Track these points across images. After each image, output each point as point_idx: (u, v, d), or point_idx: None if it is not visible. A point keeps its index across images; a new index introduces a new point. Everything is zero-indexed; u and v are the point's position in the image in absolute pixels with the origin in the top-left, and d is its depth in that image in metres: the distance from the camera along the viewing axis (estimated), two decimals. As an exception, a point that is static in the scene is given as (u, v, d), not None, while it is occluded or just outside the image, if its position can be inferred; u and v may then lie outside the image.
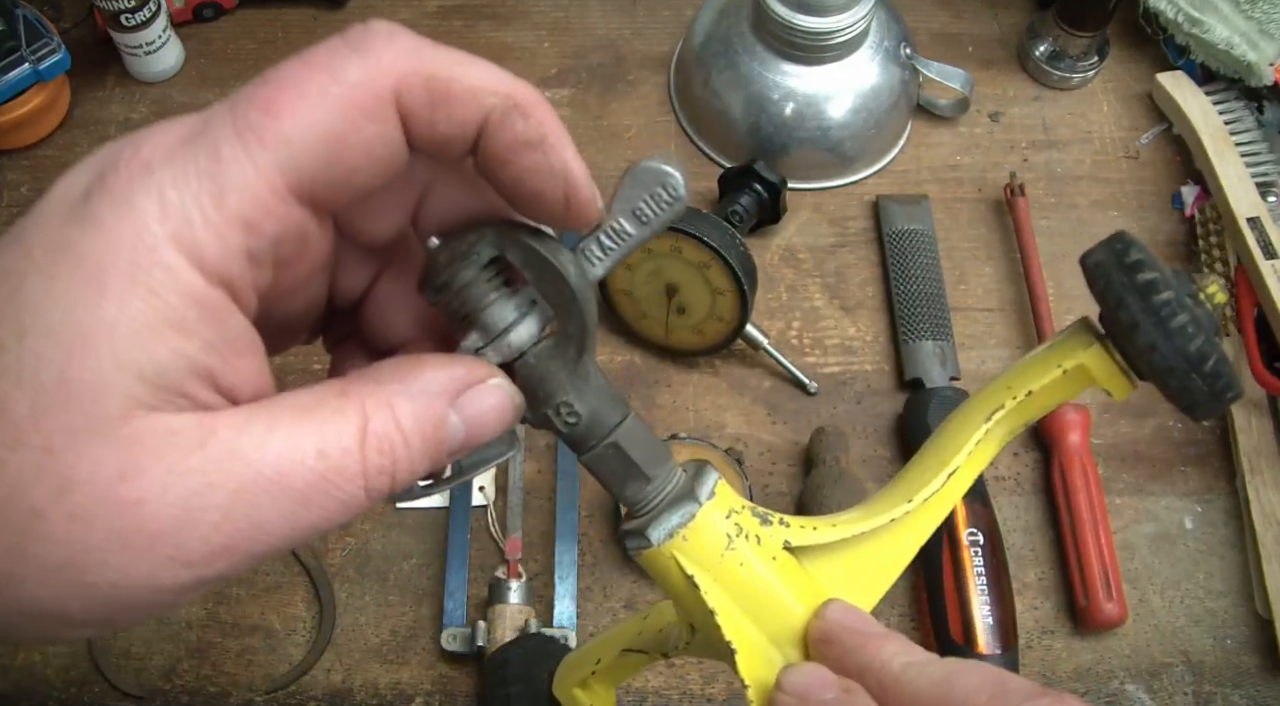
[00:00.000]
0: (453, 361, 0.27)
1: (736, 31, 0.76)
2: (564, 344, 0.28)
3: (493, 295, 0.28)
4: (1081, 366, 0.33)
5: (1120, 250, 0.30)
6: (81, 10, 0.82)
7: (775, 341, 0.71)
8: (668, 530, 0.30)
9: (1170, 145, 0.81)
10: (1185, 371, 0.29)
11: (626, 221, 0.29)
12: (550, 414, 0.29)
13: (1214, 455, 0.70)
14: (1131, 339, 0.30)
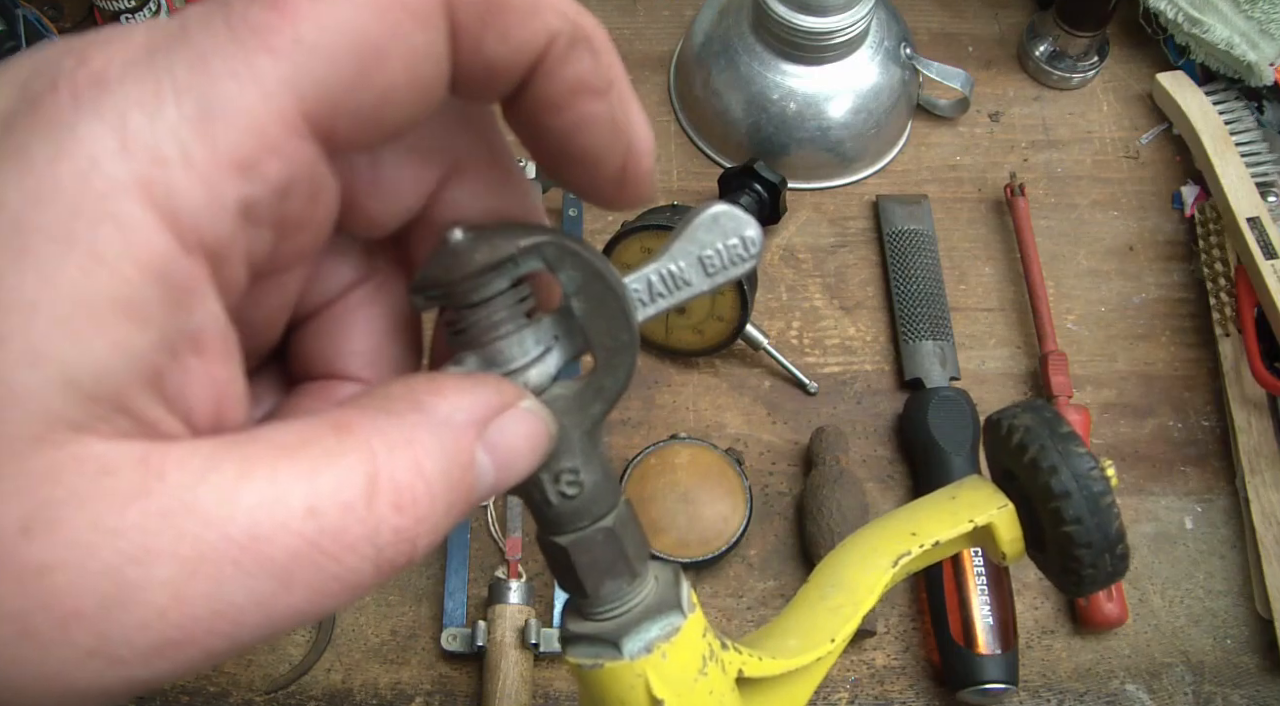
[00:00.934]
0: (476, 383, 0.21)
1: (736, 31, 0.76)
2: (590, 398, 0.23)
3: (519, 320, 0.22)
4: (990, 525, 0.31)
5: (1050, 418, 0.30)
6: (81, 10, 0.82)
7: (775, 341, 0.71)
8: (646, 643, 0.25)
9: (1170, 145, 0.81)
10: (1101, 549, 0.29)
11: (690, 267, 0.25)
12: (545, 479, 0.23)
13: (1214, 455, 0.70)
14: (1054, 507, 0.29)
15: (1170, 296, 0.75)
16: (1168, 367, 0.73)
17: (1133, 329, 0.74)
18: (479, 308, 0.22)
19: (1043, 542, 0.30)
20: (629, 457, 0.66)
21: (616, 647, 0.25)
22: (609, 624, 0.25)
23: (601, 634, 0.25)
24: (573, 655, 0.26)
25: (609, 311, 0.23)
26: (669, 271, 0.25)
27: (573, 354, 0.23)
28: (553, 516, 0.24)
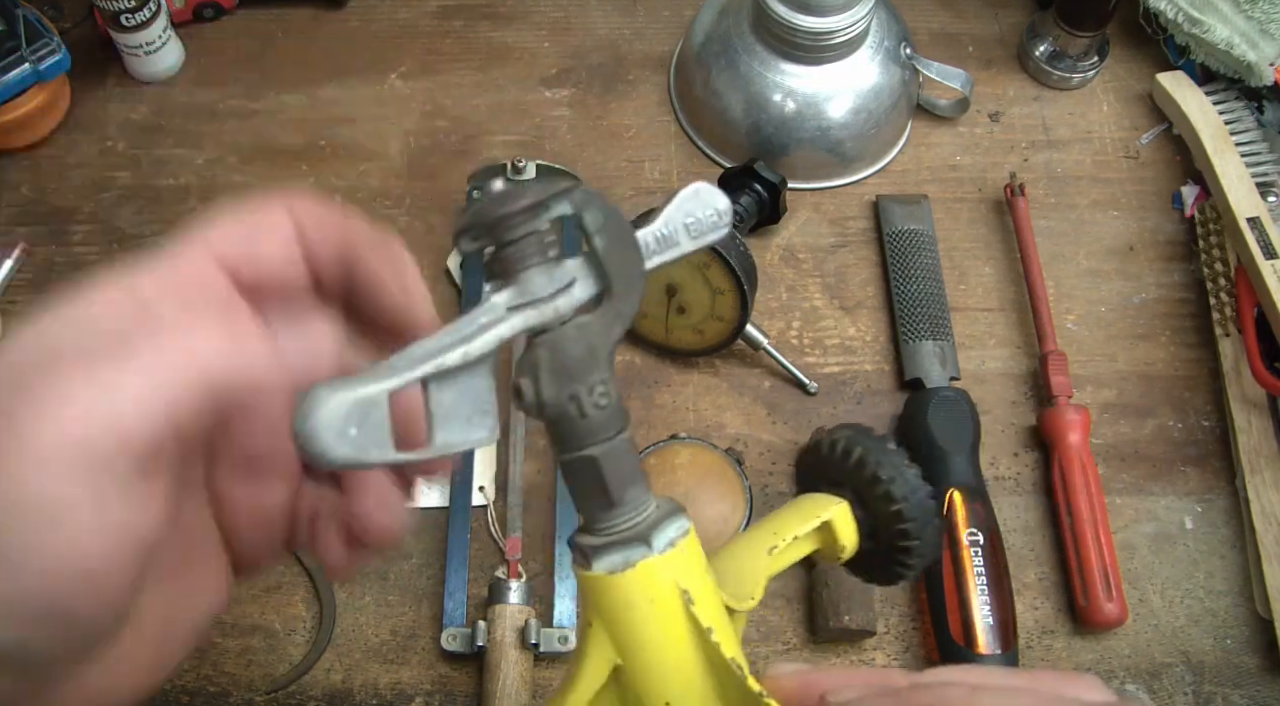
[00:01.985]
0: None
1: (736, 31, 0.76)
2: (612, 320, 0.27)
3: (549, 257, 0.27)
4: (831, 521, 0.35)
5: (880, 438, 0.35)
6: (81, 10, 0.82)
7: (775, 341, 0.71)
8: (669, 539, 0.28)
9: (1170, 145, 0.81)
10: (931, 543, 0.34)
11: (678, 230, 0.29)
12: (581, 392, 0.27)
13: (1214, 455, 0.70)
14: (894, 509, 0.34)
15: (1170, 296, 0.75)
16: (1168, 367, 0.73)
17: (1133, 329, 0.74)
18: (515, 244, 0.26)
19: (875, 538, 0.35)
20: (629, 457, 0.66)
21: (648, 545, 0.27)
22: (637, 528, 0.28)
23: (632, 537, 0.28)
24: (600, 566, 0.28)
25: (625, 245, 0.27)
26: (662, 233, 0.29)
27: (594, 292, 0.27)
28: (585, 428, 0.27)
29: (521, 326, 0.27)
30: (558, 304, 0.27)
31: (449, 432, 0.26)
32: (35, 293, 0.73)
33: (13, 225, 0.75)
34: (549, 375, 0.26)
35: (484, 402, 0.27)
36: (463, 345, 0.26)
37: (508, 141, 0.80)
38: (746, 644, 0.63)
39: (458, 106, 0.81)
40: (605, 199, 0.27)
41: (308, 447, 0.24)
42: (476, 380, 0.26)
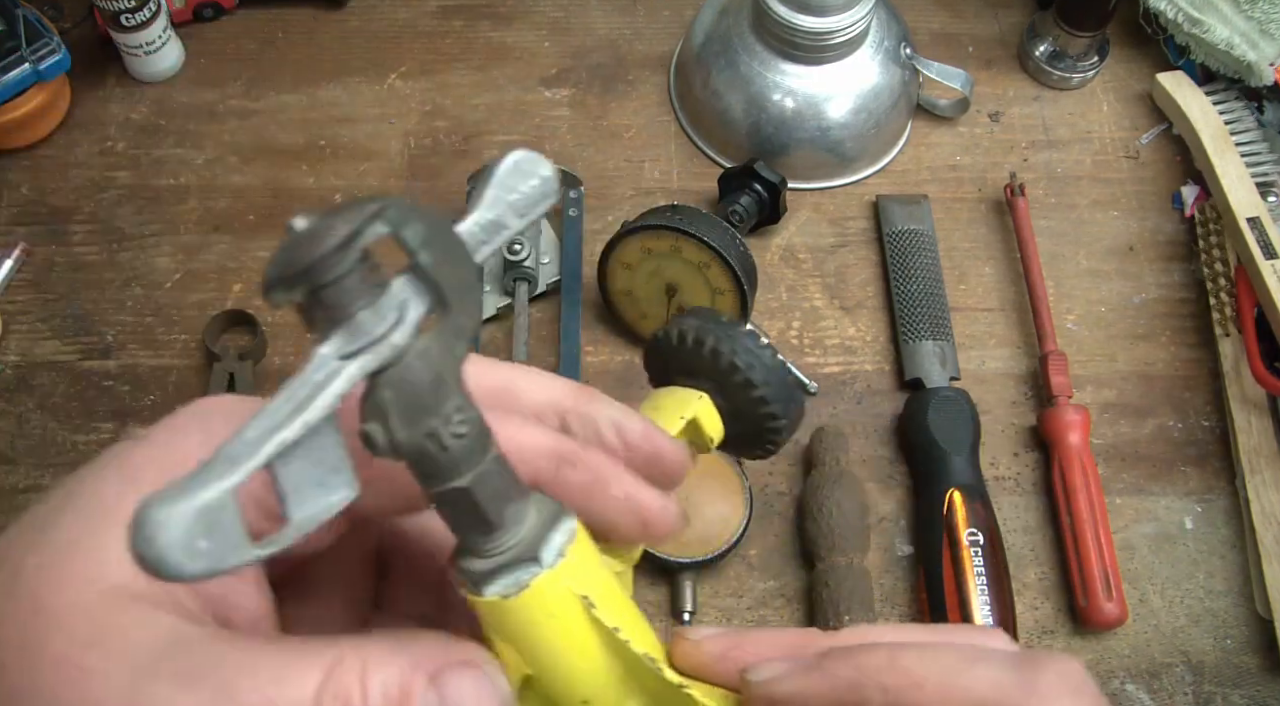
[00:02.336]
0: (448, 641, 0.26)
1: (736, 31, 0.76)
2: (452, 339, 0.24)
3: (375, 290, 0.23)
4: (696, 417, 0.35)
5: (710, 313, 0.35)
6: (81, 10, 0.82)
7: (775, 341, 0.71)
8: (558, 549, 0.26)
9: (1170, 145, 0.81)
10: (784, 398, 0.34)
11: (504, 211, 0.27)
12: (438, 426, 0.24)
13: (1214, 455, 0.70)
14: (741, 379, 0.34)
15: (1170, 296, 0.75)
16: (1168, 367, 0.73)
17: (1133, 329, 0.74)
18: (335, 285, 0.23)
19: (738, 423, 0.35)
20: (629, 457, 0.66)
21: (537, 561, 0.26)
22: (522, 544, 0.26)
23: (519, 556, 0.26)
24: (493, 592, 0.26)
25: (454, 256, 0.24)
26: (487, 220, 0.27)
27: (425, 310, 0.24)
28: (449, 461, 0.24)
29: (359, 374, 0.23)
30: (393, 339, 0.23)
31: (304, 506, 0.23)
32: (35, 292, 0.73)
33: (13, 225, 0.75)
34: (399, 416, 0.23)
35: (335, 461, 0.23)
36: (300, 414, 0.23)
37: (508, 141, 0.80)
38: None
39: (458, 106, 0.81)
40: (422, 208, 0.24)
41: (158, 575, 0.21)
42: (323, 441, 0.23)
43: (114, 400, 0.69)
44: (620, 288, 0.69)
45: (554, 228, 0.74)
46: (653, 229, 0.65)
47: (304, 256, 0.22)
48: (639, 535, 0.29)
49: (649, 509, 0.29)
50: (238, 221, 0.76)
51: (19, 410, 0.69)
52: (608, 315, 0.72)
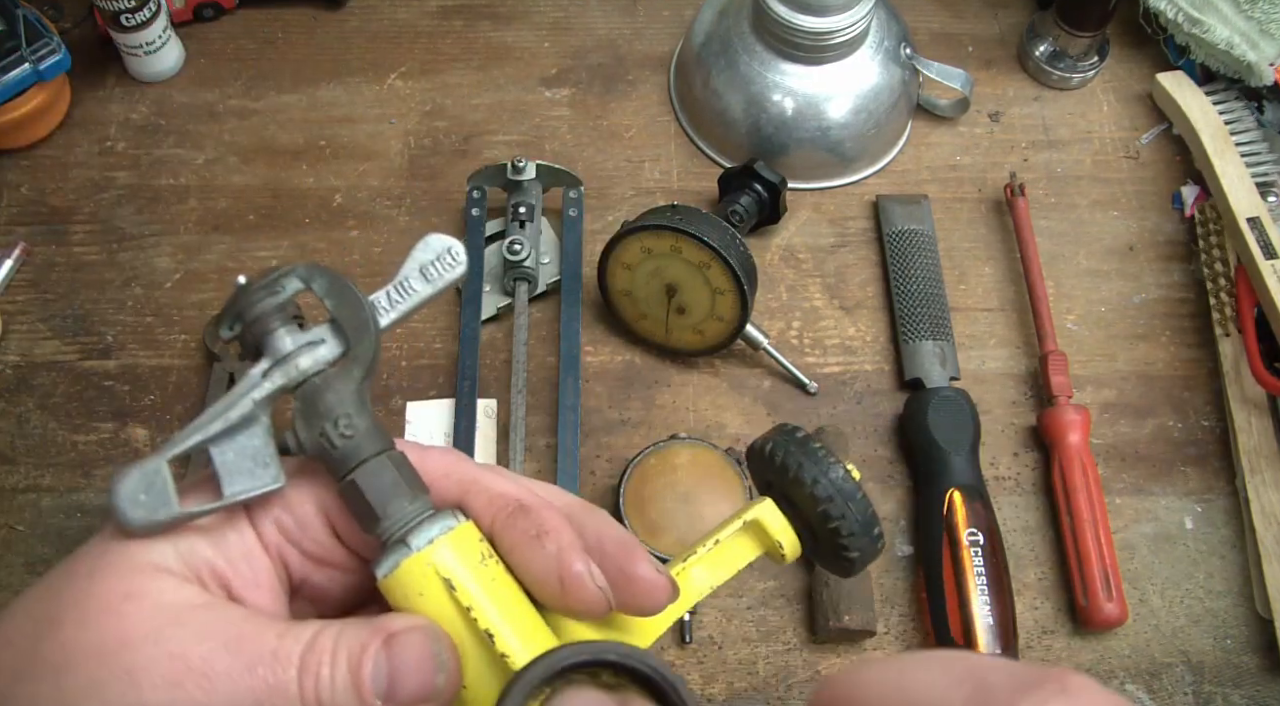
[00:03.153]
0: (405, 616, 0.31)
1: (736, 31, 0.76)
2: (352, 367, 0.32)
3: (290, 324, 0.32)
4: (757, 519, 0.37)
5: (802, 439, 0.37)
6: (81, 10, 0.82)
7: (775, 341, 0.71)
8: (428, 538, 0.31)
9: (1170, 145, 0.81)
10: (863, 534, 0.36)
11: (414, 280, 0.33)
12: (328, 427, 0.31)
13: (1214, 455, 0.70)
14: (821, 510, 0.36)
15: (1170, 296, 0.75)
16: (1168, 367, 0.73)
17: (1133, 329, 0.74)
18: (259, 319, 0.32)
19: (816, 541, 0.37)
20: (629, 457, 0.66)
21: (407, 545, 0.31)
22: (399, 533, 0.31)
23: (395, 540, 0.31)
24: (379, 571, 0.31)
25: (350, 301, 0.32)
26: (398, 285, 0.34)
27: (340, 350, 0.32)
28: (339, 456, 0.31)
29: (272, 387, 0.32)
30: (299, 362, 0.32)
31: (235, 484, 0.31)
32: (35, 292, 0.73)
33: (13, 225, 0.75)
34: (301, 420, 0.32)
35: (262, 456, 0.31)
36: (224, 413, 0.31)
37: (508, 141, 0.80)
38: (747, 643, 0.63)
39: (458, 106, 0.81)
40: (330, 270, 0.33)
41: (116, 519, 0.30)
42: (251, 439, 0.32)
43: (114, 400, 0.69)
44: (620, 288, 0.69)
45: (554, 228, 0.74)
46: (653, 229, 0.65)
47: (237, 299, 0.32)
48: (557, 595, 0.31)
49: (570, 569, 0.30)
50: (238, 221, 0.76)
51: (19, 410, 0.69)
52: (608, 315, 0.72)
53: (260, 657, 0.29)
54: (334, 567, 0.34)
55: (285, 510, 0.32)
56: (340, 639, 0.30)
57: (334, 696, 0.29)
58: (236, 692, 0.28)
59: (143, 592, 0.29)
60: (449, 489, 0.33)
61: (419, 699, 0.29)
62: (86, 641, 0.28)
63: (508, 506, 0.32)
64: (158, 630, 0.29)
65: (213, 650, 0.28)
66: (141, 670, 0.28)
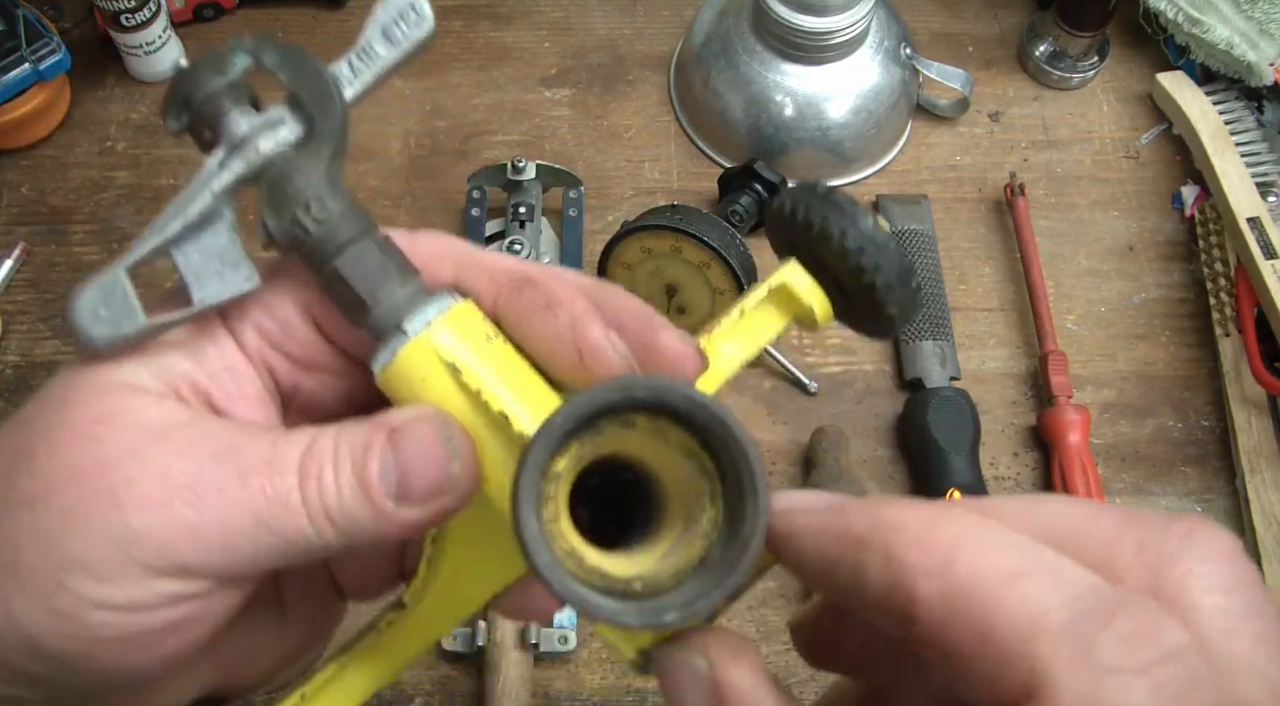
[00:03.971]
0: (405, 408, 0.28)
1: (736, 31, 0.76)
2: (318, 146, 0.28)
3: (243, 105, 0.28)
4: (784, 284, 0.33)
5: (824, 192, 0.32)
6: (81, 10, 0.82)
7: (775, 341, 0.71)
8: (425, 320, 0.28)
9: (1170, 145, 0.81)
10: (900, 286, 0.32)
11: (377, 43, 0.30)
12: (299, 213, 0.28)
13: (1214, 455, 0.70)
14: (852, 264, 0.31)
15: (1170, 296, 0.75)
16: (1168, 367, 0.73)
17: (1133, 329, 0.74)
18: (210, 102, 0.28)
19: (849, 300, 0.33)
20: (629, 457, 0.66)
21: (403, 331, 0.28)
22: (392, 320, 0.28)
23: (390, 328, 0.28)
24: (376, 365, 0.28)
25: (308, 72, 0.29)
26: (360, 52, 0.30)
27: (303, 130, 0.29)
28: (316, 244, 0.28)
29: (232, 177, 0.28)
30: (259, 145, 0.28)
31: (205, 289, 0.28)
32: (35, 292, 0.73)
33: (13, 225, 0.75)
34: (270, 209, 0.28)
35: (231, 255, 0.28)
36: (183, 210, 0.28)
37: (508, 141, 0.80)
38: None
39: (458, 106, 0.81)
40: (279, 42, 0.29)
41: (79, 338, 0.27)
42: (216, 238, 0.29)
43: (114, 400, 0.69)
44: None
45: (554, 228, 0.74)
46: (653, 229, 0.65)
47: (183, 85, 0.28)
48: (576, 369, 0.27)
49: (588, 338, 0.27)
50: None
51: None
52: (608, 315, 0.72)
53: (254, 467, 0.26)
54: (325, 371, 0.30)
55: (264, 313, 0.29)
56: (340, 439, 0.27)
57: (340, 502, 0.26)
58: (230, 508, 0.26)
59: (116, 413, 0.27)
60: (443, 270, 0.29)
61: (435, 491, 0.27)
62: (61, 468, 0.26)
63: (512, 282, 0.28)
64: (138, 449, 0.26)
65: (201, 464, 0.26)
66: (123, 491, 0.25)
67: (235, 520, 0.26)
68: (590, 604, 0.24)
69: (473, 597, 0.32)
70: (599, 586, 0.25)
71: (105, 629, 0.25)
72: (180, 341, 0.28)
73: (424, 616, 0.32)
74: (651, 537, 0.27)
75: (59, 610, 0.25)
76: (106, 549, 0.25)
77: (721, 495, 0.25)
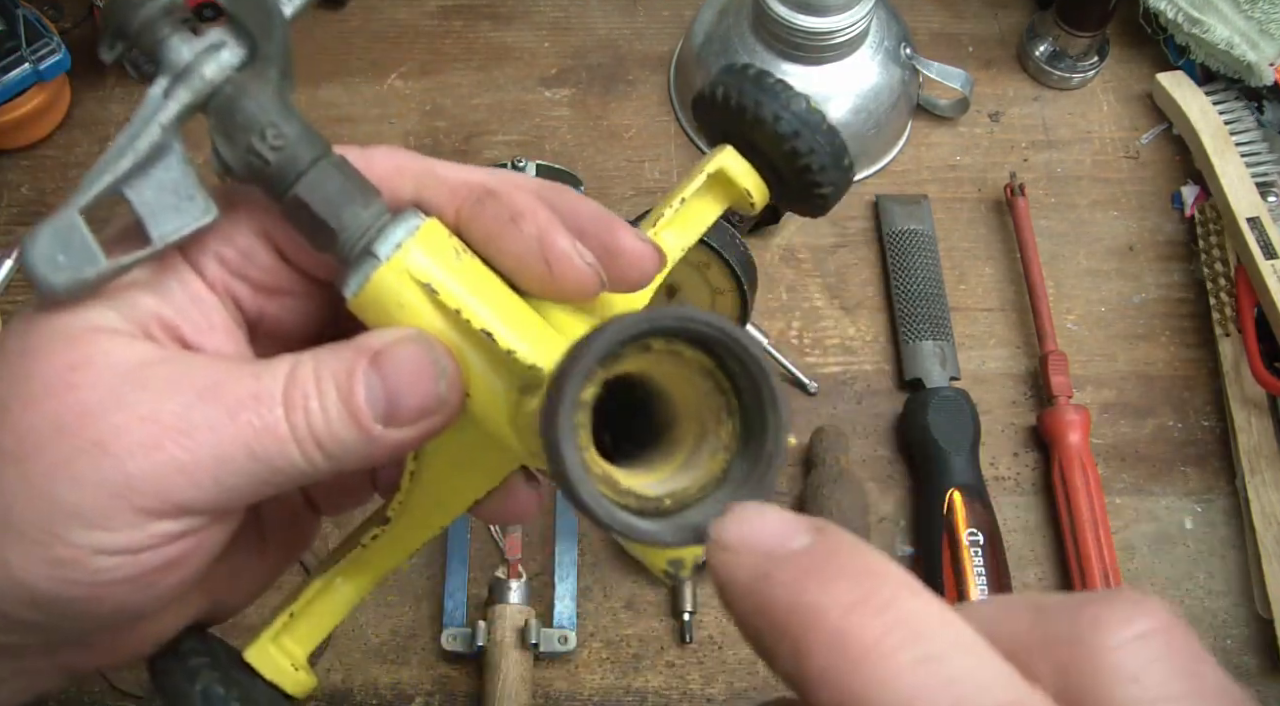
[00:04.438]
0: (386, 331, 0.28)
1: (736, 31, 0.76)
2: (264, 68, 0.27)
3: (182, 31, 0.27)
4: (721, 169, 0.33)
5: (755, 75, 0.33)
6: (81, 10, 0.82)
7: (775, 341, 0.71)
8: (395, 243, 0.28)
9: (1170, 145, 0.81)
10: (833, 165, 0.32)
11: None
12: (255, 141, 0.27)
13: (1214, 455, 0.70)
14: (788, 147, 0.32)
15: (1170, 296, 0.75)
16: (1168, 367, 0.73)
17: (1133, 329, 0.74)
18: (146, 29, 0.27)
19: (783, 183, 0.34)
20: (629, 457, 0.66)
21: (374, 255, 0.28)
22: (362, 244, 0.28)
23: (360, 252, 0.28)
24: (348, 291, 0.28)
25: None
26: None
27: (246, 52, 0.28)
28: (274, 172, 0.27)
29: (178, 107, 0.27)
30: (204, 71, 0.27)
31: (162, 225, 0.27)
32: (35, 293, 0.73)
33: (13, 225, 0.75)
34: (222, 138, 0.27)
35: (186, 188, 0.28)
36: (131, 146, 0.27)
37: (508, 141, 0.80)
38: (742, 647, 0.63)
39: (458, 106, 0.81)
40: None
41: (39, 287, 0.26)
42: (168, 171, 0.27)
43: (114, 400, 0.69)
44: (620, 287, 0.69)
45: (554, 228, 0.74)
46: (653, 229, 0.65)
47: (117, 12, 0.27)
48: (545, 279, 0.28)
49: (554, 248, 0.28)
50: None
51: (19, 410, 0.69)
52: (608, 315, 0.72)
53: (240, 402, 0.26)
54: (289, 295, 0.30)
55: (223, 243, 0.29)
56: (320, 365, 0.27)
57: (329, 427, 0.27)
58: (222, 444, 0.26)
59: (89, 359, 0.26)
60: (402, 186, 0.29)
61: (423, 412, 0.27)
62: (40, 421, 0.26)
63: (473, 194, 0.29)
64: (119, 394, 0.26)
65: (186, 404, 0.26)
66: (112, 439, 0.25)
67: (227, 455, 0.26)
68: (637, 530, 0.24)
69: (454, 507, 0.33)
70: (634, 508, 0.25)
71: (106, 573, 0.26)
72: (142, 279, 0.28)
73: (407, 528, 0.33)
74: (665, 452, 0.27)
75: (60, 559, 0.25)
76: (102, 497, 0.25)
77: (739, 410, 0.25)
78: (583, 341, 0.23)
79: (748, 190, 0.33)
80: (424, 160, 0.29)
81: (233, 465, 0.26)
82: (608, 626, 0.64)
